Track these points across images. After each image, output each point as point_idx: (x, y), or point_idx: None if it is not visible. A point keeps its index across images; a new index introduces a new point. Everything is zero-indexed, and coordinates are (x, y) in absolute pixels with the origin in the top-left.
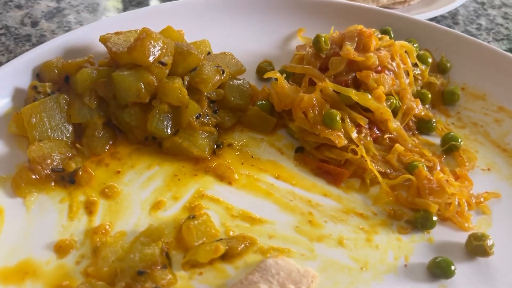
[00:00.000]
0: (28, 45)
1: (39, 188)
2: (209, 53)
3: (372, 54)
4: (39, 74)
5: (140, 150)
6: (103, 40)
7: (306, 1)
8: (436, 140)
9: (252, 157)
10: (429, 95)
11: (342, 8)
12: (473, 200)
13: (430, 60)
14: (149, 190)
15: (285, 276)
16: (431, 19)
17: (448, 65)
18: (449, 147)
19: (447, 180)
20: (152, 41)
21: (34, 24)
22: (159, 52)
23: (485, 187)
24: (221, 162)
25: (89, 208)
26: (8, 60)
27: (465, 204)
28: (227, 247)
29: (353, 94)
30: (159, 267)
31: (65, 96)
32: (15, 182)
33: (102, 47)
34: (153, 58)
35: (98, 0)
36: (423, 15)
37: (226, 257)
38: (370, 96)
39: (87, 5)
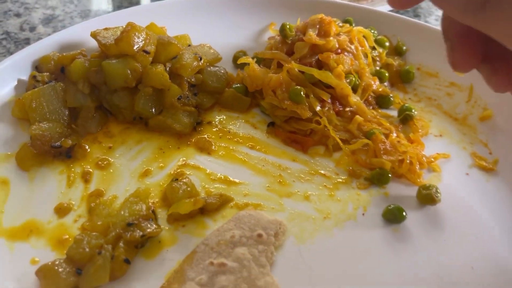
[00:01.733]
0: None
1: (40, 162)
2: (189, 45)
3: (332, 38)
4: (37, 67)
5: (129, 129)
6: (94, 35)
7: None
8: (394, 113)
9: (229, 132)
10: (387, 74)
11: (309, 3)
12: (425, 160)
13: (387, 44)
14: (138, 162)
15: (255, 223)
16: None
17: (404, 48)
18: (404, 117)
19: (399, 141)
20: (136, 33)
21: (32, 29)
22: (143, 42)
23: (437, 150)
24: (201, 136)
25: (85, 177)
26: None
27: (417, 163)
28: (205, 203)
29: (315, 72)
30: (146, 220)
31: (61, 84)
32: (19, 157)
33: (93, 43)
34: (138, 47)
35: (90, 7)
36: (384, 7)
37: (205, 212)
38: (331, 74)
39: (80, 11)
